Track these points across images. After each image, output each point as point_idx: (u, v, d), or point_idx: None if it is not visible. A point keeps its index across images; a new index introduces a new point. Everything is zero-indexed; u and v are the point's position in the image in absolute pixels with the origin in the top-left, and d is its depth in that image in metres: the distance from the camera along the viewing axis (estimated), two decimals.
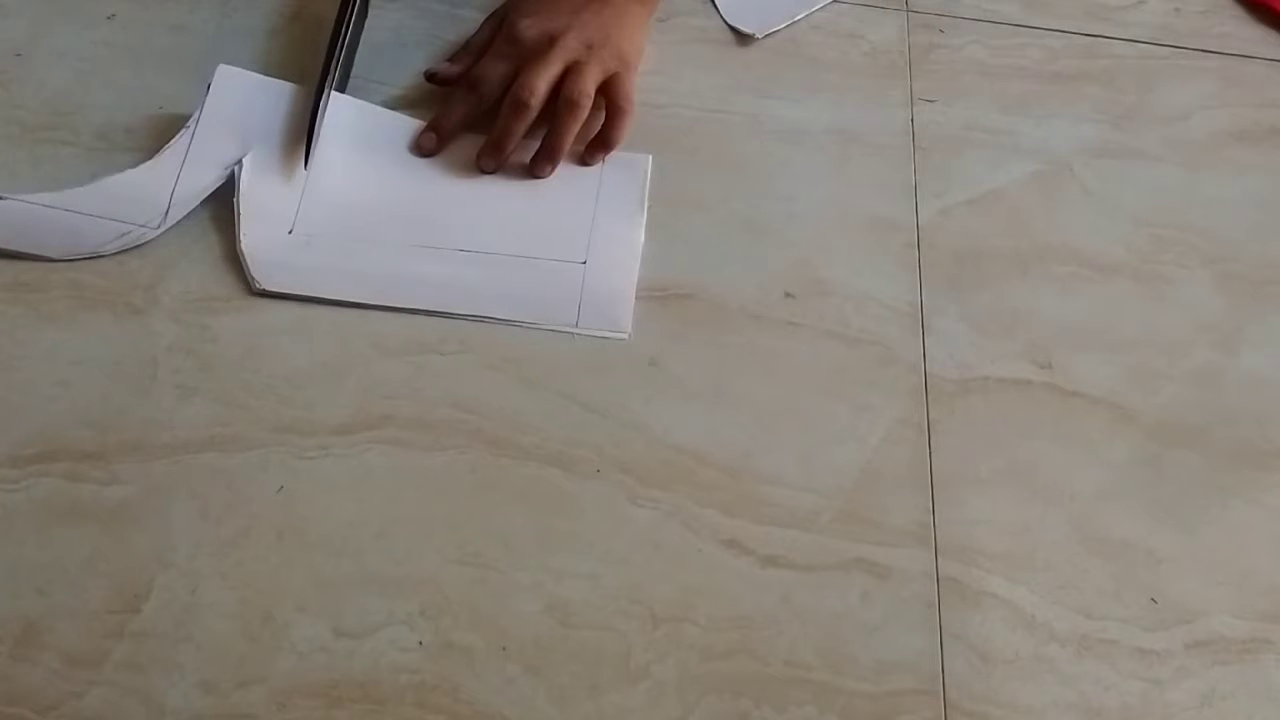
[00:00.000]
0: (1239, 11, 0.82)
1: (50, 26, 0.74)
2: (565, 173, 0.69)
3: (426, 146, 0.68)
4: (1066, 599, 0.55)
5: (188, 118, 0.69)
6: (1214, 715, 0.52)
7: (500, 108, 0.68)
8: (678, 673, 0.52)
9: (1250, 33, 0.81)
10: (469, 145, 0.69)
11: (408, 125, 0.69)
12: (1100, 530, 0.57)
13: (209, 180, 0.64)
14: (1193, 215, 0.70)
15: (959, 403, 0.61)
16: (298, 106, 0.68)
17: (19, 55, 0.73)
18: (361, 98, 0.71)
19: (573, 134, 0.68)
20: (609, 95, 0.69)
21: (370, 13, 0.77)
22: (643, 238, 0.66)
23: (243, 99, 0.68)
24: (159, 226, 0.63)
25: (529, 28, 0.69)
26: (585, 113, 0.68)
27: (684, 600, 0.54)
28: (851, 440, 0.59)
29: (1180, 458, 0.60)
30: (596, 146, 0.69)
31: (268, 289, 0.61)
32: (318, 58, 0.73)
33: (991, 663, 0.53)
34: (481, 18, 0.76)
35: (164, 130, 0.69)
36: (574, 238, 0.66)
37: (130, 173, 0.64)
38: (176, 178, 0.64)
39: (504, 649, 0.52)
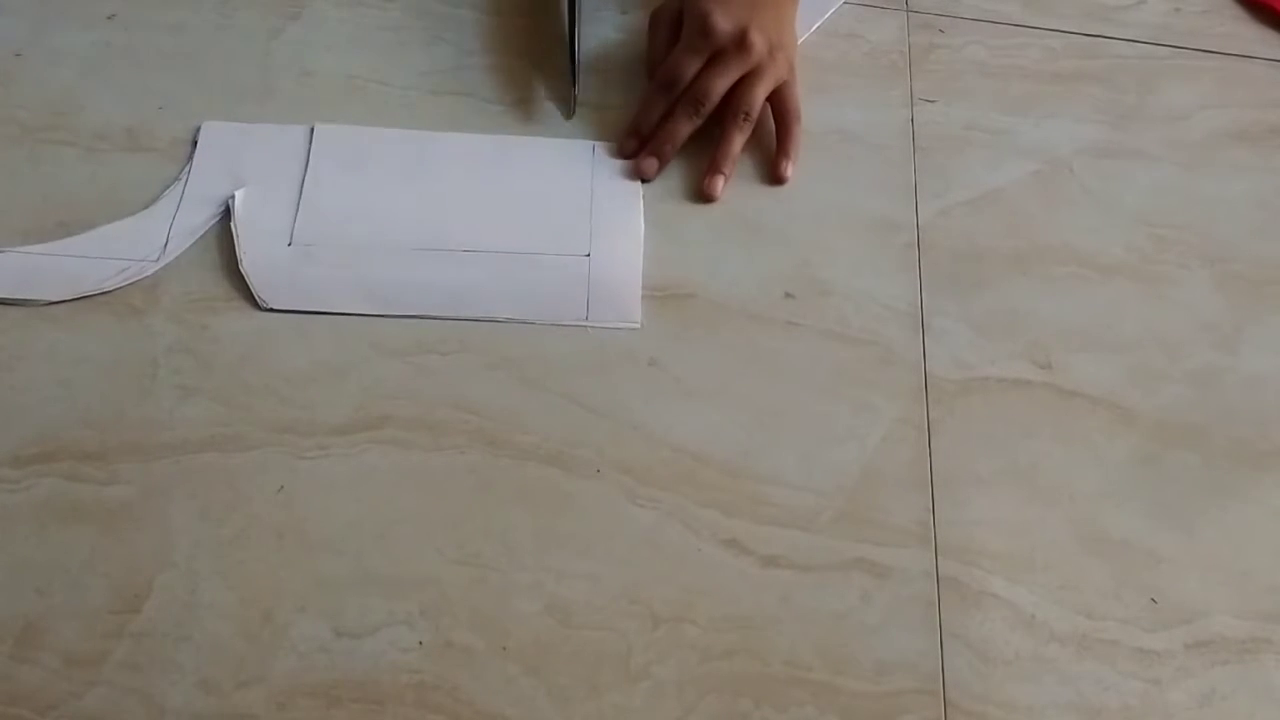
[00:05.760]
0: (1239, 11, 0.82)
1: (50, 26, 0.74)
2: (556, 165, 0.69)
3: (629, 148, 0.69)
4: (1066, 599, 0.55)
5: (187, 119, 0.69)
6: (1214, 715, 0.52)
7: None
8: (678, 673, 0.52)
9: (1250, 33, 0.81)
10: (453, 146, 0.69)
11: (392, 138, 0.69)
12: (1100, 530, 0.57)
13: (205, 216, 0.65)
14: (1193, 215, 0.70)
15: (959, 403, 0.61)
16: (284, 143, 0.68)
17: (19, 55, 0.73)
18: (363, 98, 0.72)
19: (741, 147, 0.68)
20: (780, 105, 0.70)
21: (370, 13, 0.77)
22: (643, 225, 0.66)
23: (231, 146, 0.68)
24: (158, 259, 0.63)
25: (723, 20, 0.68)
26: (753, 127, 0.69)
27: (684, 600, 0.54)
28: (851, 440, 0.59)
29: (1180, 458, 0.60)
30: (783, 156, 0.69)
31: (273, 306, 0.61)
32: (317, 57, 0.73)
33: (991, 663, 0.53)
34: (482, 18, 0.77)
35: (164, 130, 0.69)
36: (575, 230, 0.66)
37: (126, 219, 0.64)
38: (173, 217, 0.64)
39: (504, 649, 0.52)
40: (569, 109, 0.71)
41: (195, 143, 0.68)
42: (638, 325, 0.62)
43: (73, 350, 0.60)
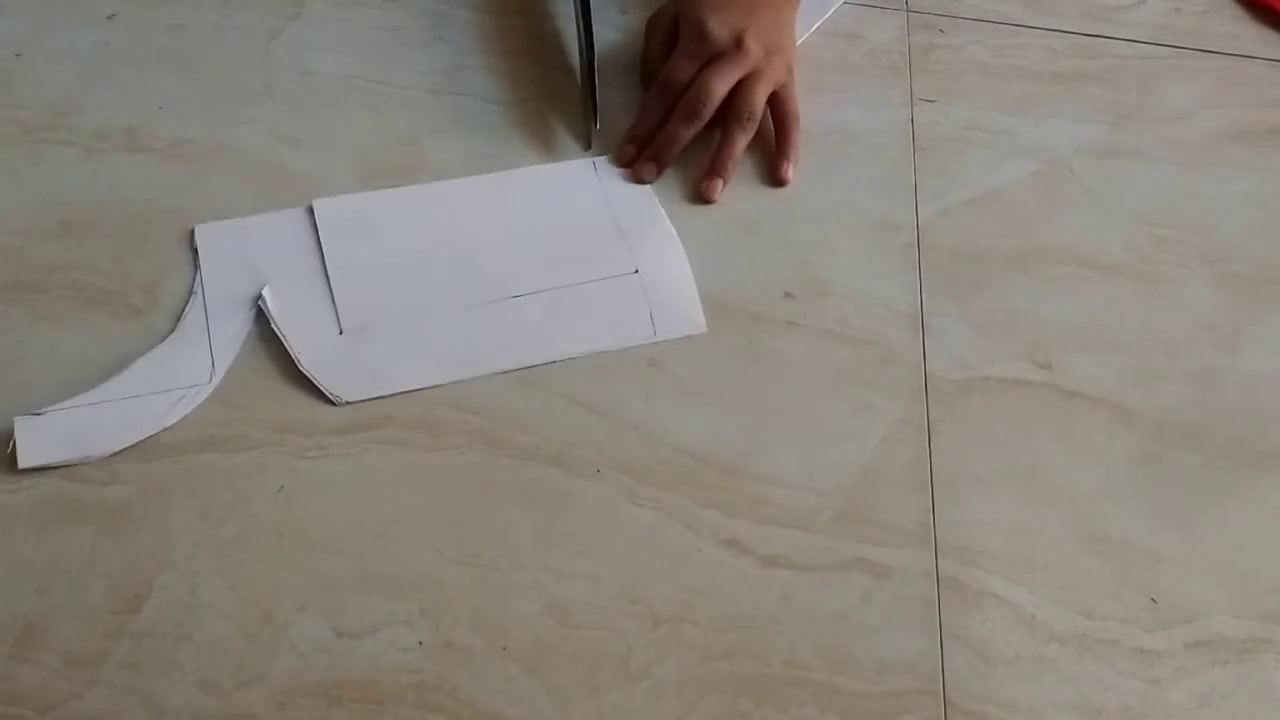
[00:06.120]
0: (1239, 11, 0.82)
1: (50, 26, 0.74)
2: (564, 190, 0.68)
3: (626, 156, 0.69)
4: (1066, 599, 0.55)
5: (187, 119, 0.69)
6: (1214, 715, 0.52)
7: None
8: (678, 673, 0.52)
9: (1250, 33, 0.81)
10: (455, 194, 0.67)
11: (392, 199, 0.67)
12: (1100, 530, 0.57)
13: (239, 322, 0.61)
14: (1193, 215, 0.70)
15: (959, 403, 0.61)
16: (287, 230, 0.65)
17: (19, 55, 0.73)
18: (363, 98, 0.72)
19: (742, 149, 0.68)
20: (780, 108, 0.70)
21: (370, 13, 0.77)
22: (672, 227, 0.66)
23: (233, 243, 0.64)
24: (210, 379, 0.59)
25: (719, 26, 0.68)
26: (755, 128, 0.69)
27: (684, 600, 0.54)
28: (851, 440, 0.59)
29: (1180, 458, 0.60)
30: (783, 158, 0.69)
31: (349, 400, 0.59)
32: (317, 57, 0.73)
33: (991, 663, 0.53)
34: (482, 18, 0.77)
35: (164, 130, 0.69)
36: (612, 250, 0.65)
37: (161, 347, 0.60)
38: (207, 332, 0.61)
39: (504, 649, 0.52)
40: (586, 141, 0.70)
41: (195, 249, 0.64)
42: (703, 330, 0.62)
43: (73, 350, 0.60)
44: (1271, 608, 0.55)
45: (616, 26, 0.77)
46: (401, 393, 0.59)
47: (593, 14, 0.73)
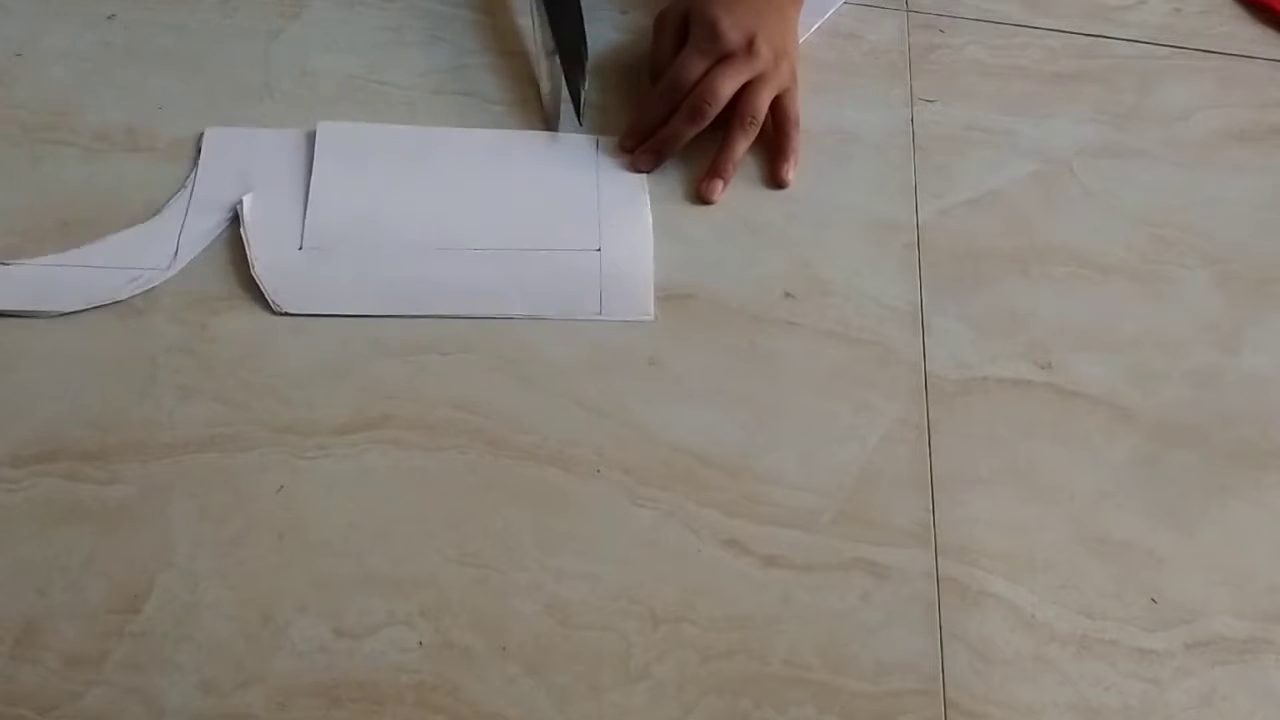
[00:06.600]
0: (1239, 11, 0.82)
1: (50, 26, 0.74)
2: (560, 161, 0.69)
3: (628, 148, 0.69)
4: (1066, 599, 0.55)
5: (187, 119, 0.69)
6: (1214, 715, 0.52)
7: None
8: (678, 673, 0.52)
9: (1250, 33, 0.81)
10: (455, 142, 0.69)
11: (394, 134, 0.69)
12: (1100, 530, 0.57)
13: (214, 221, 0.64)
14: (1193, 215, 0.70)
15: (959, 403, 0.61)
16: (288, 146, 0.68)
17: (19, 55, 0.73)
18: (363, 98, 0.72)
19: (744, 151, 0.69)
20: (782, 111, 0.70)
21: (370, 13, 0.77)
22: (651, 219, 0.67)
23: (235, 150, 0.68)
24: (169, 267, 0.62)
25: (731, 26, 0.68)
26: (758, 131, 0.69)
27: (684, 600, 0.54)
28: (851, 440, 0.59)
29: (1180, 458, 0.60)
30: (783, 160, 0.69)
31: (287, 310, 0.61)
32: (317, 58, 0.73)
33: (991, 663, 0.53)
34: (482, 18, 0.77)
35: (164, 130, 0.69)
36: (584, 225, 0.66)
37: (135, 227, 0.64)
38: (182, 224, 0.64)
39: (504, 649, 0.52)
40: (577, 117, 0.71)
41: (199, 148, 0.67)
42: (651, 317, 0.63)
43: (73, 350, 0.60)
44: (1271, 608, 0.55)
45: (616, 26, 0.77)
46: (339, 315, 0.61)
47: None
